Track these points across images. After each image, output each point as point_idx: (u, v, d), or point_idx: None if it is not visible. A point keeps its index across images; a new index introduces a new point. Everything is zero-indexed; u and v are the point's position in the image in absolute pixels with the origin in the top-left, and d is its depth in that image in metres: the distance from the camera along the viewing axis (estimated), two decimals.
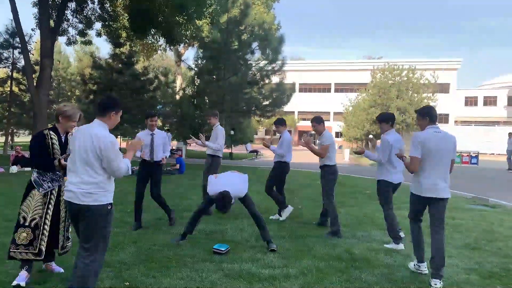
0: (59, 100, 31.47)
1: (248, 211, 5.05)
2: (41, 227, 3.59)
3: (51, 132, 3.73)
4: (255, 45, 17.50)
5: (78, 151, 3.08)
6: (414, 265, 4.38)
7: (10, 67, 21.52)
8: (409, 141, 4.22)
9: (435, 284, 3.88)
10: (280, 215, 6.69)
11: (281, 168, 6.71)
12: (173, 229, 5.77)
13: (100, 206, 3.05)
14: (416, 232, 4.39)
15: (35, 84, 16.59)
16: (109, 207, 3.10)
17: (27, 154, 14.95)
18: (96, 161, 3.03)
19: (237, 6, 17.97)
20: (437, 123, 4.28)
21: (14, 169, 12.79)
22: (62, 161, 3.68)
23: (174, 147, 21.74)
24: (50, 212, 3.66)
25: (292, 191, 9.55)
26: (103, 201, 3.06)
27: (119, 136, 27.94)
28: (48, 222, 3.63)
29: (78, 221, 3.12)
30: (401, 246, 5.14)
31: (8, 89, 21.86)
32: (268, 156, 28.53)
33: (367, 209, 7.63)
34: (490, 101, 50.75)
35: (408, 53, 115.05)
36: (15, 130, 26.89)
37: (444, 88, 47.44)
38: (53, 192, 3.71)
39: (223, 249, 4.69)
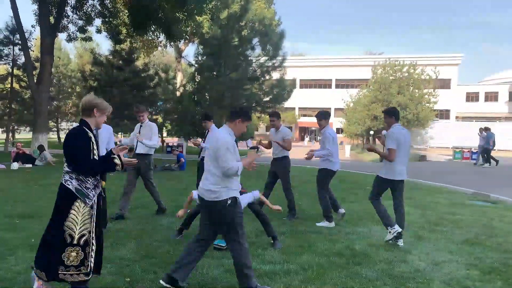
0: (60, 96, 31.38)
1: (250, 209, 5.03)
2: (90, 243, 3.10)
3: (86, 129, 3.18)
4: (255, 41, 17.43)
5: (208, 151, 3.53)
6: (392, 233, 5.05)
7: (11, 64, 21.49)
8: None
9: (401, 243, 4.92)
10: None
11: None
12: (174, 225, 5.79)
13: (220, 201, 3.41)
14: (383, 207, 5.20)
15: (35, 81, 16.60)
16: (228, 201, 3.41)
17: (28, 150, 14.96)
18: (216, 160, 3.41)
19: (237, 2, 17.90)
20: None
21: (15, 165, 12.81)
22: (123, 151, 3.20)
23: (175, 144, 21.75)
24: (95, 225, 3.19)
25: (292, 187, 9.54)
26: (222, 196, 3.41)
27: (119, 133, 27.93)
28: (94, 237, 3.15)
29: (210, 216, 3.54)
30: (332, 224, 5.98)
31: (9, 86, 21.85)
32: (268, 152, 28.46)
33: (367, 205, 7.58)
34: (491, 96, 50.65)
35: (409, 49, 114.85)
36: (16, 127, 26.86)
37: (445, 84, 47.32)
38: (95, 200, 3.20)
39: (223, 245, 4.70)
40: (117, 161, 3.14)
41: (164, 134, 28.63)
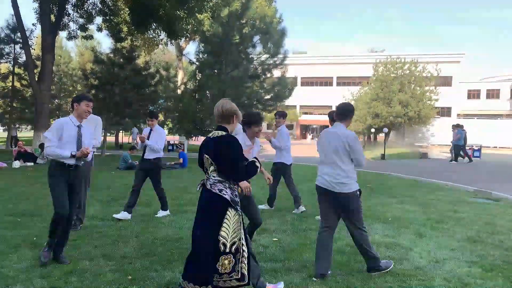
0: (61, 95, 31.40)
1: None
2: (241, 249, 3.15)
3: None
4: (256, 38, 17.44)
5: (329, 146, 3.90)
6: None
7: (12, 62, 21.53)
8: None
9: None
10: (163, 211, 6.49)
11: (159, 165, 6.41)
12: (176, 223, 5.80)
13: (350, 193, 3.81)
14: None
15: (36, 79, 16.62)
16: (357, 193, 3.85)
17: (29, 149, 14.99)
18: (345, 154, 3.82)
19: (238, 0, 17.89)
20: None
21: (16, 164, 12.84)
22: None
23: (176, 142, 21.77)
24: (244, 231, 3.25)
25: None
26: (352, 188, 3.82)
27: (121, 131, 27.90)
28: (244, 243, 3.19)
29: (338, 205, 3.90)
30: (302, 209, 6.74)
31: (10, 84, 21.88)
32: (269, 150, 28.45)
33: (369, 202, 7.62)
34: (493, 94, 50.48)
35: (411, 46, 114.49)
36: (17, 125, 26.89)
37: (446, 81, 47.17)
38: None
39: None
40: (257, 164, 3.22)
41: (166, 132, 28.59)
